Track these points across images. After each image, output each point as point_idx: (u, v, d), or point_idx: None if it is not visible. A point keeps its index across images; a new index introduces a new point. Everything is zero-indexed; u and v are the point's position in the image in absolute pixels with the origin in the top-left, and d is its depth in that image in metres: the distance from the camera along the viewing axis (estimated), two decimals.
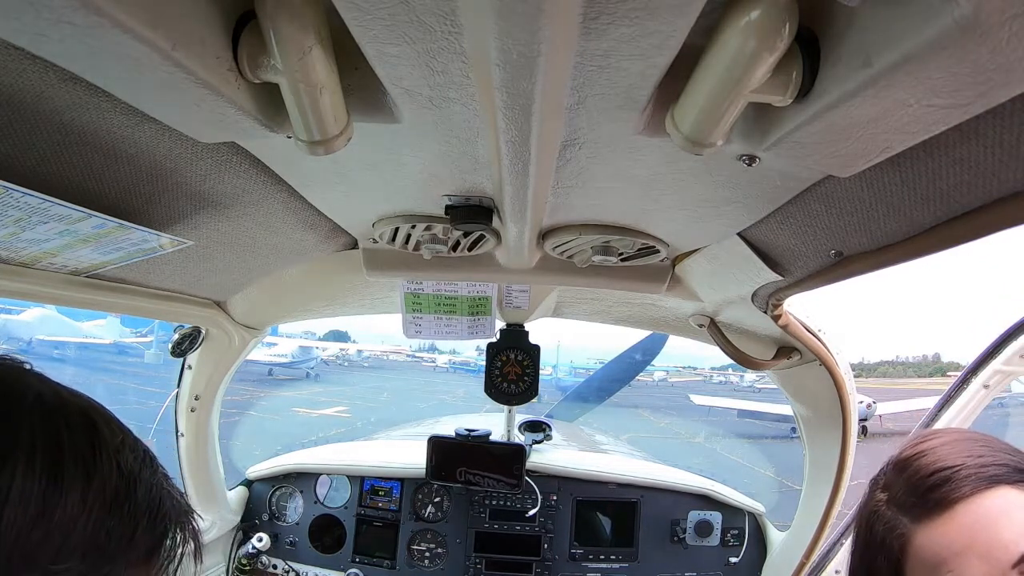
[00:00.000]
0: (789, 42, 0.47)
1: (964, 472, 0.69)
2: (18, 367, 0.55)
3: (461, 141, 0.76)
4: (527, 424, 2.61)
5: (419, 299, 1.76)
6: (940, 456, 0.72)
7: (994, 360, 1.67)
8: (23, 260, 0.96)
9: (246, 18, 0.54)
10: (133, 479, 0.55)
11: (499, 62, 0.49)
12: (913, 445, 0.77)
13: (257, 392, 23.96)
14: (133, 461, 0.56)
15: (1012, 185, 0.63)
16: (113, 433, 0.55)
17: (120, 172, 0.82)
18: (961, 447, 0.72)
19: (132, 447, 0.57)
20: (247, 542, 2.31)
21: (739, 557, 2.31)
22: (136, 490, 0.55)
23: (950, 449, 0.72)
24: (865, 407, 16.06)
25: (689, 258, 1.30)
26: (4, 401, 0.50)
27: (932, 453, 0.73)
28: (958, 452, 0.71)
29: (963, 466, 0.69)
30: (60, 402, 0.53)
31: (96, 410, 0.56)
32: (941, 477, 0.70)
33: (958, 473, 0.69)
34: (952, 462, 0.70)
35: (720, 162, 0.78)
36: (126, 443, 0.56)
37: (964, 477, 0.68)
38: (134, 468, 0.55)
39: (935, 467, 0.71)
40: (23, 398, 0.51)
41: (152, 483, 0.57)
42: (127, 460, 0.55)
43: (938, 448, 0.73)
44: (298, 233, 1.24)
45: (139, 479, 0.55)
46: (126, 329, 30.05)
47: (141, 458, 0.57)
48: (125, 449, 0.55)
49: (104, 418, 0.56)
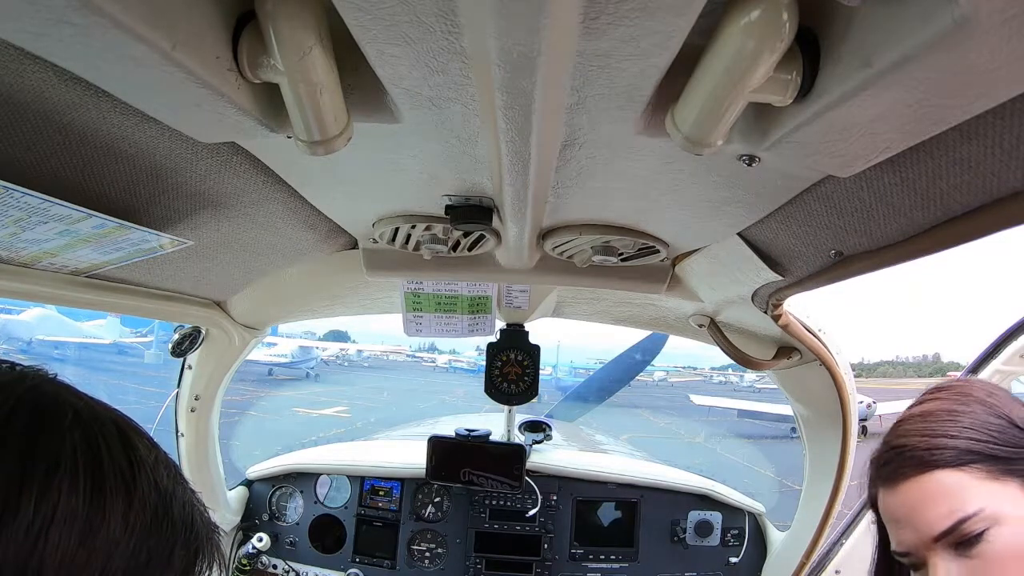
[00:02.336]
0: (789, 42, 0.47)
1: (909, 454, 0.79)
2: (50, 380, 0.53)
3: (461, 141, 0.76)
4: (527, 424, 2.60)
5: (419, 298, 1.77)
6: (905, 431, 0.82)
7: (994, 360, 1.67)
8: (23, 260, 0.96)
9: (246, 18, 0.54)
10: (169, 496, 0.53)
11: (499, 62, 0.49)
12: (910, 407, 0.86)
13: (257, 392, 23.95)
14: (167, 478, 0.54)
15: (1012, 185, 0.63)
16: (148, 449, 0.54)
17: (120, 172, 0.82)
18: (931, 421, 0.80)
19: (165, 463, 0.55)
20: (247, 542, 2.31)
21: (739, 557, 2.31)
22: (172, 508, 0.53)
23: (920, 424, 0.81)
24: (865, 407, 16.07)
25: (689, 258, 1.30)
26: (46, 418, 0.48)
27: (904, 425, 0.83)
28: (923, 428, 0.80)
29: (913, 448, 0.79)
30: (96, 417, 0.51)
31: (128, 424, 0.55)
32: (892, 455, 0.82)
33: (904, 454, 0.80)
34: (906, 442, 0.81)
35: (720, 162, 0.78)
36: (160, 459, 0.55)
37: (908, 459, 0.79)
38: (169, 485, 0.54)
39: (892, 444, 0.83)
40: (63, 415, 0.49)
41: (184, 500, 0.56)
42: (162, 477, 0.53)
43: (915, 419, 0.82)
44: (298, 233, 1.24)
45: (174, 496, 0.54)
46: (126, 329, 30.01)
47: (174, 474, 0.56)
48: (160, 465, 0.54)
49: (136, 432, 0.54)
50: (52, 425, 0.48)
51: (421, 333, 1.87)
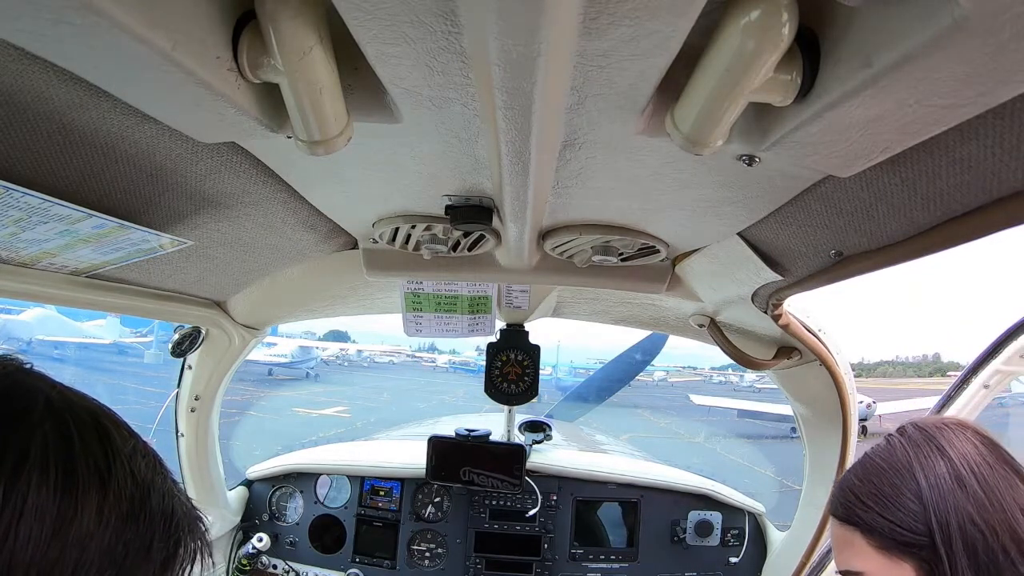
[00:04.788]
0: (789, 42, 0.47)
1: (844, 501, 0.92)
2: (24, 369, 0.52)
3: (461, 141, 0.76)
4: (527, 424, 2.60)
5: (419, 298, 1.77)
6: (857, 478, 0.92)
7: (994, 360, 1.67)
8: (23, 260, 0.96)
9: (246, 18, 0.54)
10: (147, 487, 0.52)
11: (499, 62, 0.49)
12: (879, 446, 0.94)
13: (257, 392, 23.93)
14: (145, 468, 0.53)
15: (1012, 185, 0.63)
16: (124, 439, 0.53)
17: (120, 172, 0.82)
18: (872, 479, 0.90)
19: (143, 452, 0.54)
20: (247, 542, 2.31)
21: (739, 557, 2.31)
22: (150, 498, 0.52)
23: (867, 478, 0.91)
24: (865, 407, 16.07)
25: (689, 258, 1.30)
26: (13, 408, 0.47)
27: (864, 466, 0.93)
28: (861, 486, 0.90)
29: (847, 500, 0.91)
30: (69, 407, 0.50)
31: (105, 413, 0.53)
32: (839, 492, 0.94)
33: (843, 499, 0.92)
34: (851, 489, 0.92)
35: (720, 162, 0.78)
36: (137, 448, 0.53)
37: (842, 504, 0.92)
38: (147, 475, 0.53)
39: (845, 484, 0.94)
40: (33, 404, 0.48)
41: (164, 490, 0.54)
42: (140, 467, 0.52)
43: (871, 467, 0.92)
44: (298, 233, 1.24)
45: (152, 487, 0.53)
46: (126, 329, 29.98)
47: (152, 464, 0.54)
48: (137, 455, 0.53)
49: (113, 422, 0.53)
50: (21, 416, 0.47)
51: (421, 333, 1.87)
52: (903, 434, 0.91)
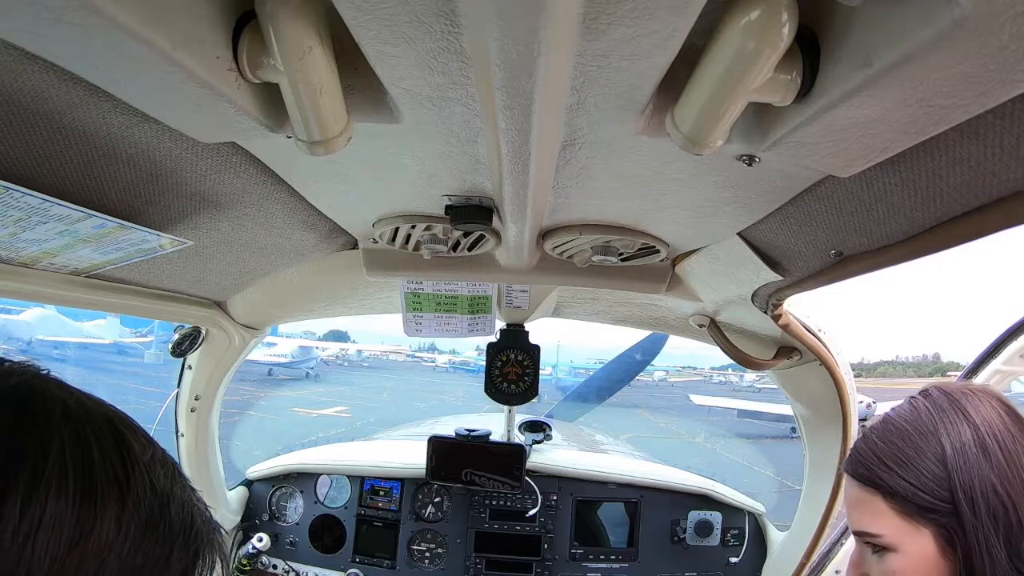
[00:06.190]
0: (789, 42, 0.47)
1: (864, 461, 0.90)
2: (41, 376, 0.50)
3: (461, 141, 0.76)
4: (527, 424, 2.60)
5: (419, 298, 1.77)
6: (877, 437, 0.91)
7: (994, 360, 1.67)
8: (23, 260, 0.96)
9: (246, 18, 0.54)
10: (166, 496, 0.51)
11: (499, 62, 0.49)
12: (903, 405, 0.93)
13: (257, 392, 23.91)
14: (164, 477, 0.51)
15: (1012, 185, 0.63)
16: (143, 446, 0.51)
17: (120, 172, 0.82)
18: (893, 441, 0.88)
19: (162, 461, 0.52)
20: (247, 542, 2.31)
21: (739, 557, 2.31)
22: (169, 508, 0.51)
23: (887, 437, 0.89)
24: (865, 407, 16.06)
25: (689, 258, 1.30)
26: (31, 416, 0.46)
27: (886, 426, 0.91)
28: (882, 447, 0.89)
29: (867, 460, 0.89)
30: (87, 413, 0.49)
31: (123, 420, 0.52)
32: (857, 451, 0.93)
33: (861, 459, 0.91)
34: (869, 449, 0.90)
35: (720, 162, 0.78)
36: (156, 457, 0.52)
37: (860, 463, 0.91)
38: (166, 484, 0.51)
39: (864, 442, 0.93)
40: (51, 412, 0.46)
41: (184, 499, 0.53)
42: (159, 476, 0.51)
43: (891, 427, 0.90)
44: (298, 233, 1.24)
45: (171, 496, 0.51)
46: (126, 329, 29.96)
47: (171, 472, 0.53)
48: (156, 463, 0.51)
49: (131, 429, 0.52)
50: (39, 423, 0.45)
51: (421, 333, 1.87)
52: (927, 397, 0.89)
